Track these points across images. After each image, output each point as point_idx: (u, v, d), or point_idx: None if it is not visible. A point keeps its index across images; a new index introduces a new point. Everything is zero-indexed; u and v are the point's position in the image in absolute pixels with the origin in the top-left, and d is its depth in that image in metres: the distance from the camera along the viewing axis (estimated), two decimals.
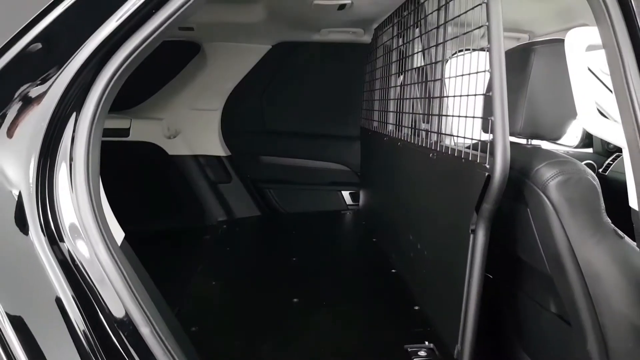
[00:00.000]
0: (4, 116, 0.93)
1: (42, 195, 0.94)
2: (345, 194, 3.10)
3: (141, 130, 2.78)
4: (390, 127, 2.14)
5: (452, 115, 1.44)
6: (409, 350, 1.33)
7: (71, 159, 0.99)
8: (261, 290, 1.83)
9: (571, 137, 3.31)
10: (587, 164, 2.97)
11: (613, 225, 1.30)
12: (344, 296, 1.74)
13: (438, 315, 1.45)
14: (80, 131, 0.99)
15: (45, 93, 0.96)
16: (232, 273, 2.05)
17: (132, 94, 2.84)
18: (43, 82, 0.96)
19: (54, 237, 0.93)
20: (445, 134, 1.47)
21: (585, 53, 1.20)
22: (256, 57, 2.82)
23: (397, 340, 1.37)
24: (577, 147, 3.28)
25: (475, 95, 1.23)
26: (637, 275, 1.19)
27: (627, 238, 1.29)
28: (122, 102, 2.82)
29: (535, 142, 1.51)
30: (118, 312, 0.99)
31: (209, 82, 2.83)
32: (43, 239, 0.91)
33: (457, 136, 1.38)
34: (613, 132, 1.14)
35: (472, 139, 1.29)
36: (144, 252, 1.10)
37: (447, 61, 1.65)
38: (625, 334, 1.27)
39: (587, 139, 3.25)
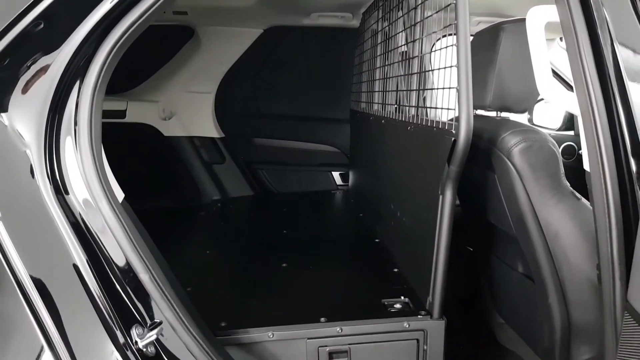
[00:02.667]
0: (17, 80, 1.03)
1: (49, 153, 1.05)
2: (335, 175, 3.21)
3: (137, 112, 2.88)
4: (375, 107, 2.25)
5: (424, 89, 1.56)
6: (386, 303, 1.45)
7: (75, 123, 1.10)
8: (252, 257, 1.95)
9: (553, 120, 3.45)
10: (567, 146, 3.12)
11: (571, 188, 1.42)
12: (329, 261, 1.86)
13: (413, 273, 1.57)
14: (83, 97, 1.10)
15: (50, 64, 1.06)
16: (226, 243, 2.17)
17: (129, 77, 2.93)
18: (48, 53, 1.06)
19: (59, 188, 1.04)
20: (419, 107, 1.58)
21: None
22: (248, 41, 2.91)
23: (376, 296, 1.49)
24: (559, 129, 3.41)
25: (444, 68, 1.34)
26: (591, 232, 1.30)
27: (583, 199, 1.42)
28: (119, 85, 2.91)
29: (504, 114, 1.63)
30: (119, 260, 1.11)
31: (202, 65, 2.92)
32: (49, 188, 1.02)
33: (429, 107, 1.50)
34: (568, 101, 1.25)
35: (441, 108, 1.40)
36: None
37: (436, 41, 1.75)
38: (582, 287, 1.40)
39: (569, 122, 3.38)
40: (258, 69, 3.03)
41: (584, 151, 1.24)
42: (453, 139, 1.23)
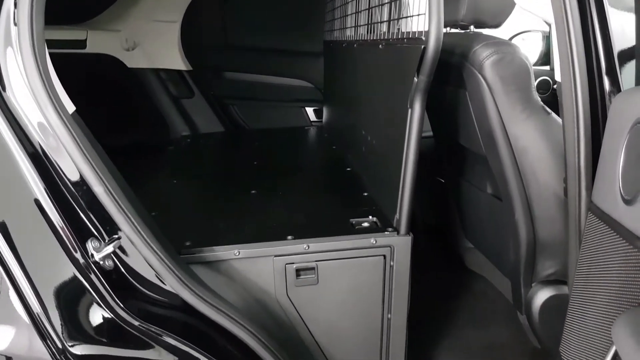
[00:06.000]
0: None
1: None
2: (309, 111, 3.14)
3: (98, 42, 2.71)
4: (348, 32, 2.16)
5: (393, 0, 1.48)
6: (354, 222, 1.43)
7: (15, 24, 1.01)
8: (220, 185, 1.91)
9: (529, 55, 3.41)
10: (542, 80, 3.09)
11: (542, 103, 1.40)
12: (299, 188, 1.82)
13: (382, 193, 1.55)
14: None
15: None
16: (194, 174, 2.12)
17: (89, 5, 2.75)
18: None
19: None
20: (391, 20, 1.51)
21: None
22: None
23: (344, 216, 1.47)
24: (534, 64, 3.38)
25: None
26: (560, 148, 1.29)
27: (554, 115, 1.40)
28: (78, 14, 2.73)
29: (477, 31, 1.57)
30: (70, 172, 1.05)
31: None
32: None
33: (399, 18, 1.43)
34: (541, 8, 1.21)
35: (411, 16, 1.33)
36: None
37: None
38: (548, 202, 1.40)
39: (545, 57, 3.35)
40: None
41: (556, 60, 1.21)
42: (423, 46, 1.18)
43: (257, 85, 3.06)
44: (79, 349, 1.00)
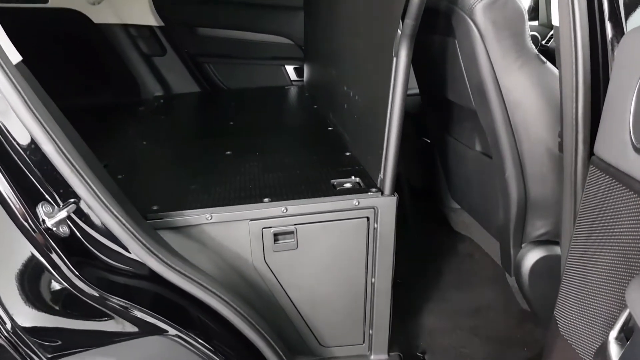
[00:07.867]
0: None
1: None
2: (289, 69, 2.99)
3: None
4: None
5: None
6: (335, 183, 1.34)
7: None
8: (193, 146, 1.80)
9: None
10: (531, 36, 2.97)
11: (536, 51, 1.30)
12: (278, 148, 1.72)
13: (365, 152, 1.46)
14: None
15: None
16: (165, 135, 1.99)
17: None
18: None
19: None
20: None
21: None
22: None
23: (325, 177, 1.38)
24: None
25: None
26: (555, 100, 1.21)
27: (549, 64, 1.30)
28: None
29: None
30: (14, 128, 0.93)
31: None
32: None
33: None
34: None
35: None
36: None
37: None
38: (541, 158, 1.32)
39: (533, 12, 3.23)
40: None
41: (554, 3, 1.11)
42: None
43: (234, 42, 2.89)
44: (31, 324, 0.91)
